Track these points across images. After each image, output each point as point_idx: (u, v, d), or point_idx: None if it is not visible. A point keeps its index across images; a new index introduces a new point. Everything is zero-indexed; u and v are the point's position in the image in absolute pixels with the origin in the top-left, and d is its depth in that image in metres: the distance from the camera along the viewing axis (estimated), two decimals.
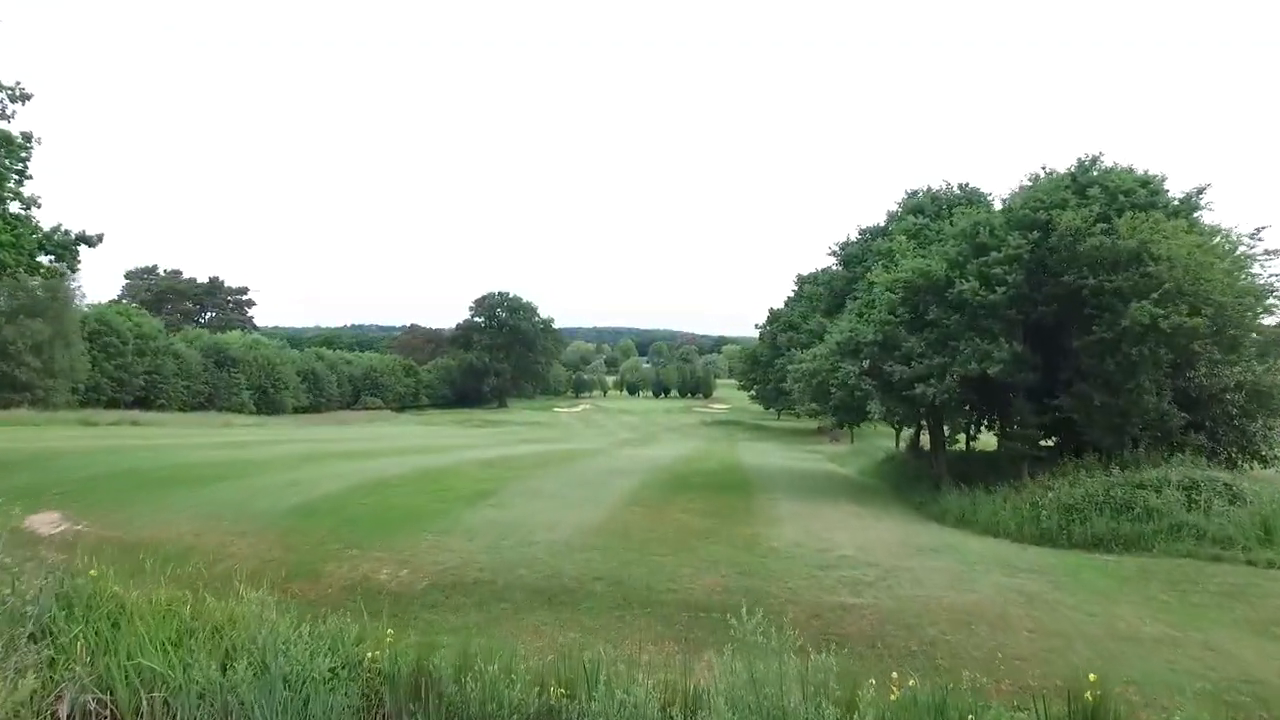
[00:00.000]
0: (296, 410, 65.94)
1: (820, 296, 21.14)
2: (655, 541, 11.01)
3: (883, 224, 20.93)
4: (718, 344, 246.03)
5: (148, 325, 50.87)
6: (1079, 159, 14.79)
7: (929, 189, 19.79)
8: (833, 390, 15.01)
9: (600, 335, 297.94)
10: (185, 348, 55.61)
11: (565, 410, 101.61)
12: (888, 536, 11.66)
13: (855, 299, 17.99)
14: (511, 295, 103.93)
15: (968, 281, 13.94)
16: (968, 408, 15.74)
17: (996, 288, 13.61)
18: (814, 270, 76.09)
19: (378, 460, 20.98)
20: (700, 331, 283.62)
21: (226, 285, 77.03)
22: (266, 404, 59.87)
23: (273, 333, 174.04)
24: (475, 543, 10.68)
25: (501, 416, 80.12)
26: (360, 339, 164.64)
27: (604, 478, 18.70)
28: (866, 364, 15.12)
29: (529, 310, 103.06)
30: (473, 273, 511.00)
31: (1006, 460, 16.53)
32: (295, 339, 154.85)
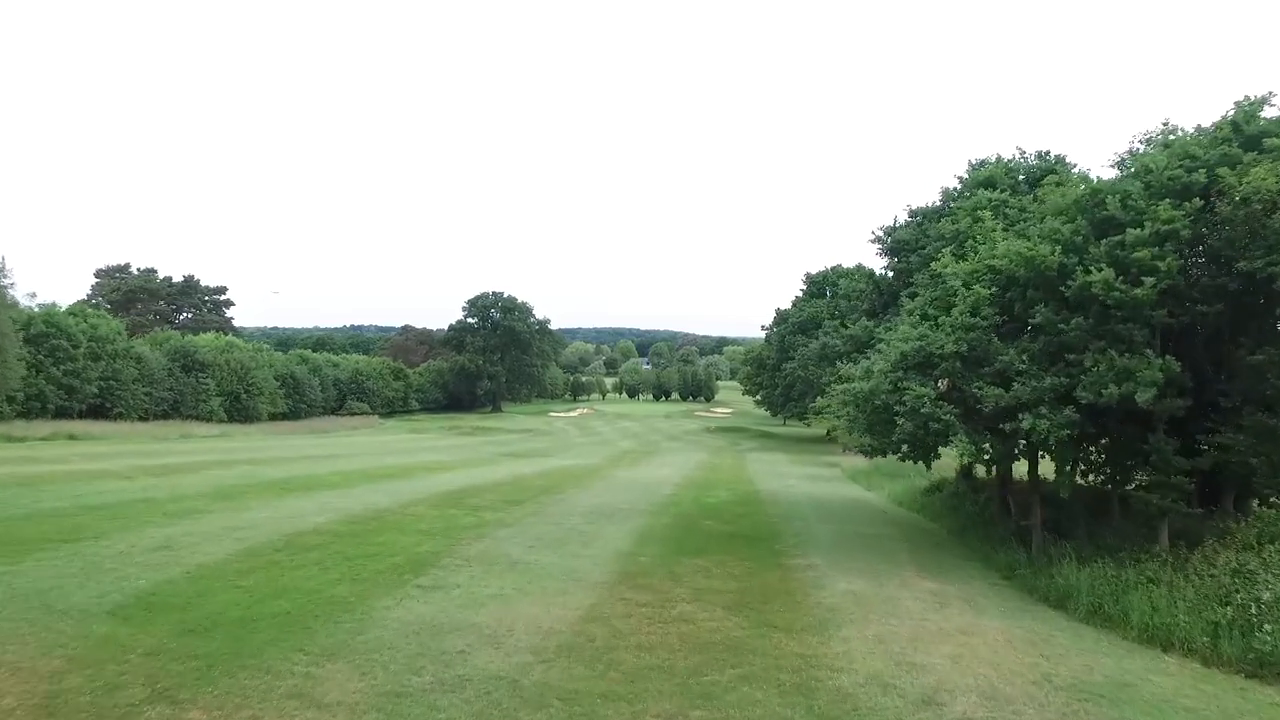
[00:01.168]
0: (273, 417, 61.96)
1: (861, 294, 17.06)
2: (653, 673, 7.00)
3: (937, 203, 16.91)
4: (719, 345, 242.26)
5: (106, 327, 46.84)
6: (1237, 103, 10.79)
7: (998, 158, 15.79)
8: (898, 419, 10.95)
9: (600, 336, 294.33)
10: (149, 351, 51.61)
11: (562, 415, 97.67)
12: (1012, 659, 7.63)
13: (913, 295, 13.95)
14: (506, 295, 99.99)
15: (1094, 270, 9.91)
16: (1086, 444, 11.65)
17: (1143, 279, 9.57)
18: (823, 269, 72.17)
19: (312, 497, 16.95)
20: (700, 332, 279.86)
21: (203, 285, 72.91)
22: (239, 411, 55.85)
23: (268, 334, 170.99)
24: (367, 681, 6.67)
25: (493, 423, 76.13)
26: (356, 340, 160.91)
27: (590, 525, 14.68)
28: (944, 384, 11.10)
29: (524, 311, 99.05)
30: (473, 273, 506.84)
31: (1119, 509, 12.49)
32: (289, 340, 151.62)
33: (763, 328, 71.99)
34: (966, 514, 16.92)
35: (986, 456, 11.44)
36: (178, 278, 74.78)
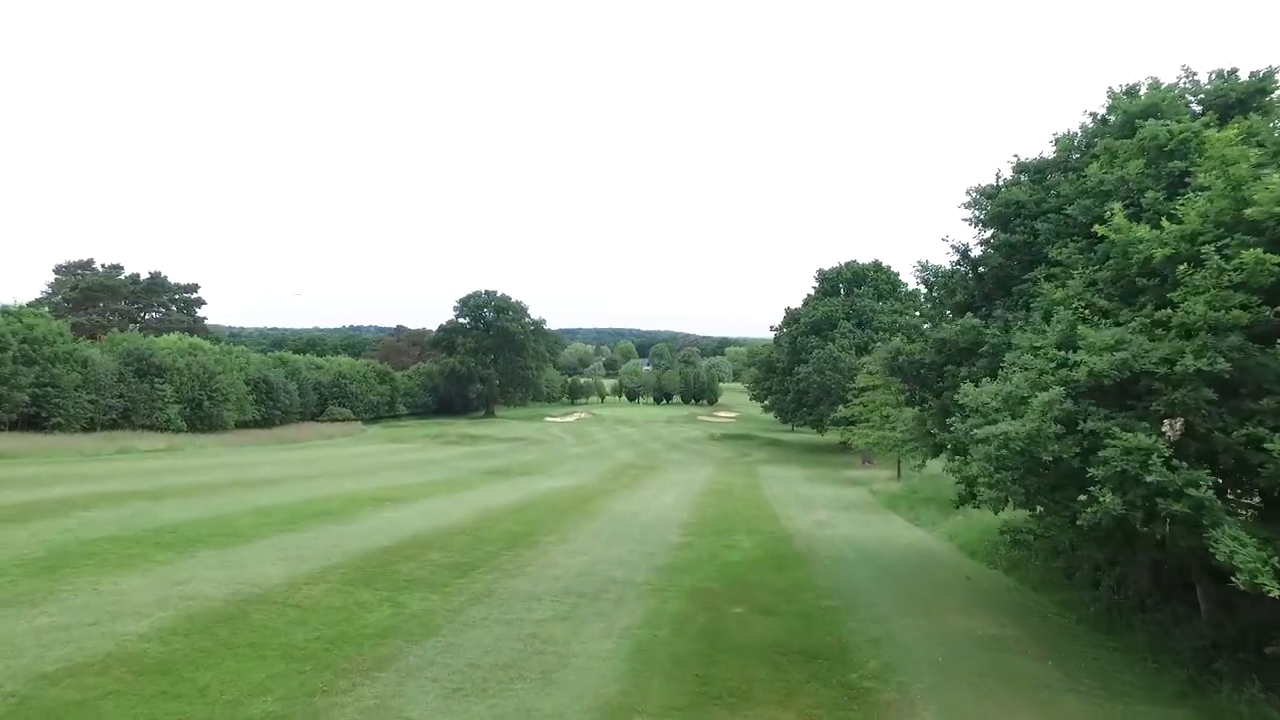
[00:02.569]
0: (242, 425, 57.10)
1: (953, 282, 12.13)
2: None
3: (1050, 155, 12.05)
4: (720, 346, 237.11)
5: (45, 327, 41.96)
6: None
7: (1155, 82, 10.90)
8: (1094, 488, 6.08)
9: (600, 336, 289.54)
10: (99, 354, 46.76)
11: (558, 419, 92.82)
12: None
13: (1052, 278, 9.12)
14: (500, 294, 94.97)
15: None
16: None
17: None
18: (836, 265, 66.93)
19: (172, 565, 12.03)
20: (701, 333, 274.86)
21: (171, 282, 67.86)
22: (201, 419, 50.90)
23: (266, 334, 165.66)
24: None
25: (483, 429, 71.25)
26: (352, 341, 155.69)
27: (562, 624, 9.82)
28: (1176, 427, 6.28)
29: (518, 310, 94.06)
30: (472, 273, 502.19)
31: None
32: (283, 341, 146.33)
33: (771, 328, 67.16)
34: (1084, 581, 12.04)
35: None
36: (165, 276, 69.82)
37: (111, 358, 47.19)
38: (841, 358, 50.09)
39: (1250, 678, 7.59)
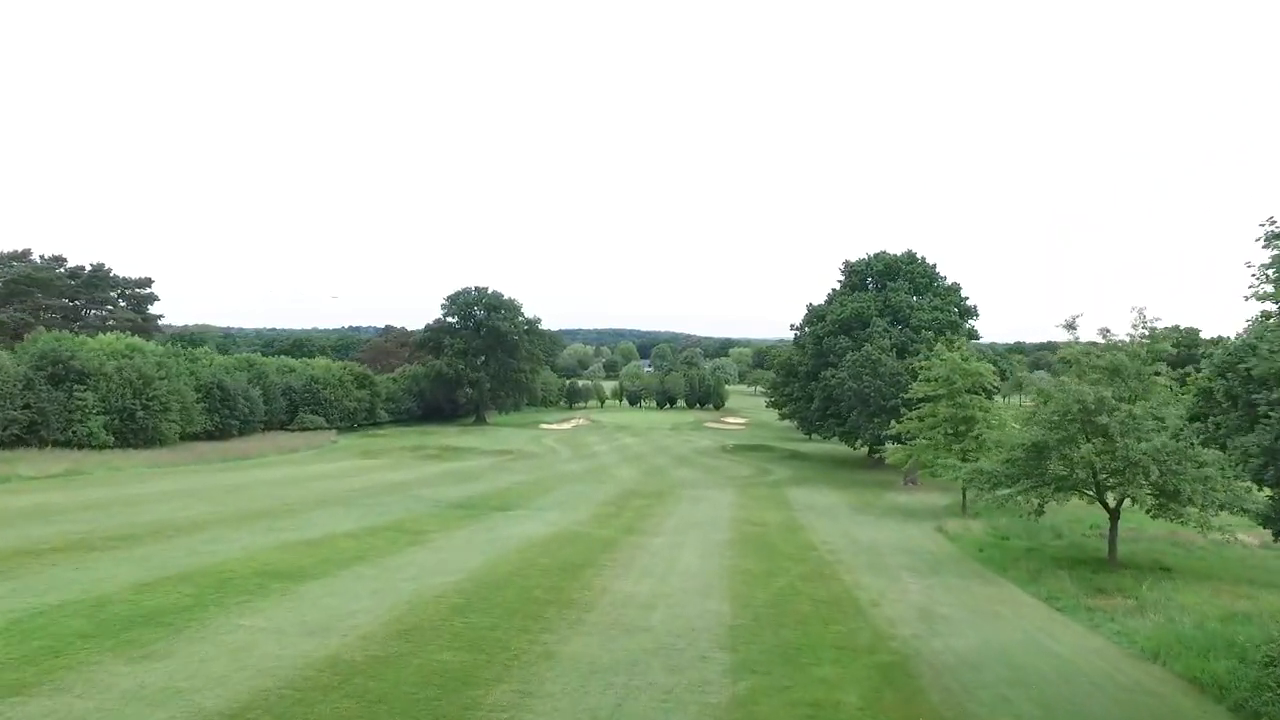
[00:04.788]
0: (190, 437, 49.92)
1: None
2: None
3: None
4: (724, 346, 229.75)
5: None
6: None
7: None
8: None
9: (600, 337, 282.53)
10: (7, 359, 39.62)
11: (554, 426, 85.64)
12: None
13: None
14: (491, 290, 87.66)
15: None
16: None
17: None
18: (864, 256, 59.48)
19: None
20: (703, 333, 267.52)
21: (119, 276, 60.47)
22: (133, 432, 43.59)
23: (264, 335, 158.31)
24: None
25: (469, 440, 63.96)
26: (346, 342, 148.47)
27: None
28: None
29: (511, 308, 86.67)
30: (473, 273, 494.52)
31: None
32: (274, 341, 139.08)
33: (792, 326, 59.73)
34: None
35: None
36: (109, 269, 62.44)
37: (19, 361, 39.99)
38: (883, 360, 42.75)
39: None
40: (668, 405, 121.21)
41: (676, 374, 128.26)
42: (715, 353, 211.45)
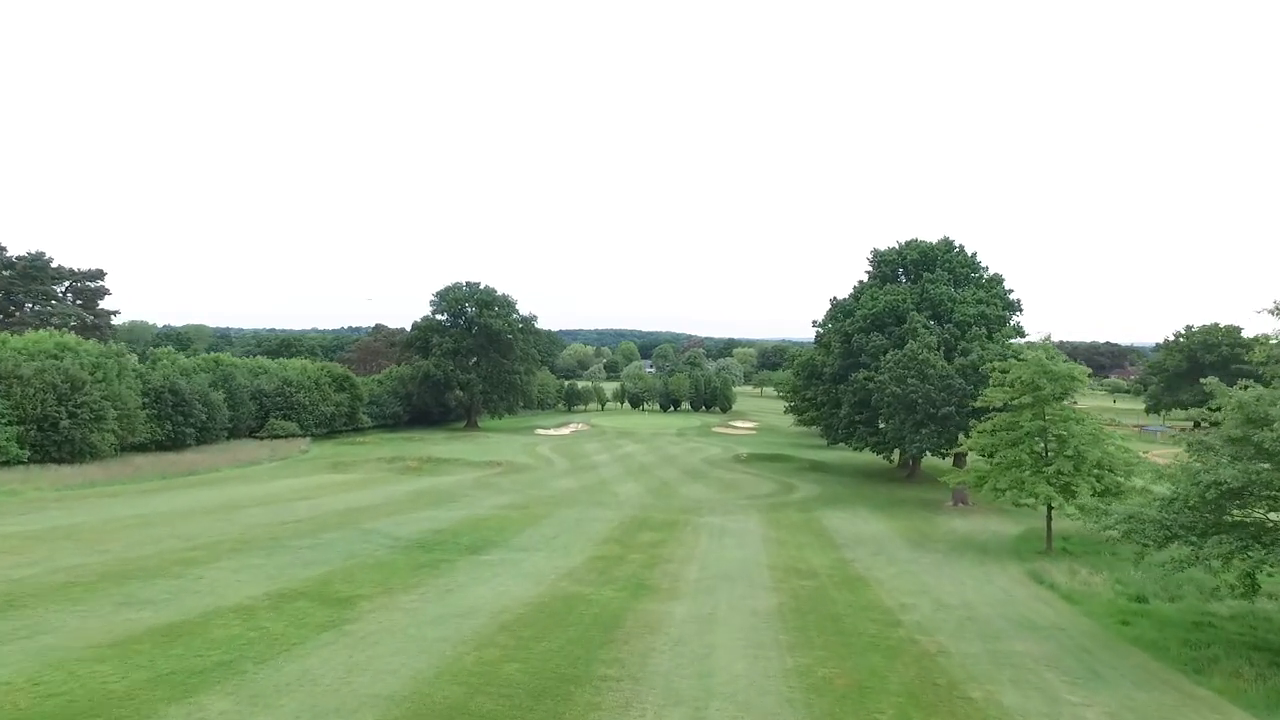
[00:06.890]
0: (134, 449, 43.94)
1: None
2: None
3: None
4: (727, 347, 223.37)
5: None
6: None
7: None
8: None
9: (601, 338, 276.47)
10: None
11: (550, 432, 79.42)
12: None
13: None
14: (483, 286, 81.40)
15: None
16: None
17: None
18: (896, 244, 53.29)
19: None
20: (704, 334, 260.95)
21: (63, 268, 54.27)
22: (56, 444, 37.54)
23: (262, 335, 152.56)
24: None
25: (455, 449, 57.74)
26: (341, 342, 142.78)
27: None
28: None
29: (505, 305, 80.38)
30: (472, 272, 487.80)
31: None
32: (267, 341, 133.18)
33: (814, 323, 53.55)
34: None
35: None
36: (49, 258, 56.20)
37: None
38: (930, 360, 36.58)
39: None
40: (671, 408, 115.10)
41: (680, 375, 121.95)
42: (718, 353, 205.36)
